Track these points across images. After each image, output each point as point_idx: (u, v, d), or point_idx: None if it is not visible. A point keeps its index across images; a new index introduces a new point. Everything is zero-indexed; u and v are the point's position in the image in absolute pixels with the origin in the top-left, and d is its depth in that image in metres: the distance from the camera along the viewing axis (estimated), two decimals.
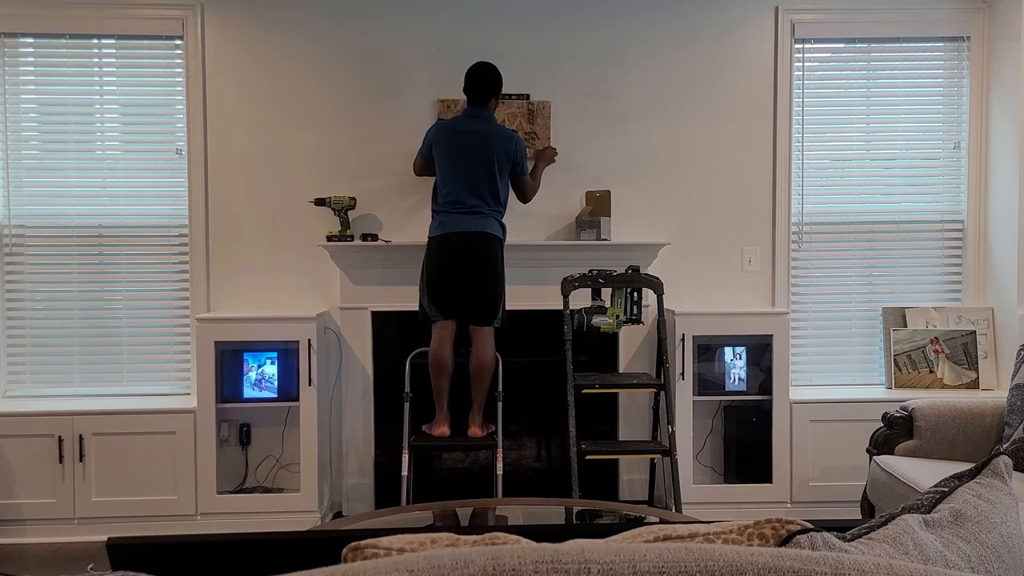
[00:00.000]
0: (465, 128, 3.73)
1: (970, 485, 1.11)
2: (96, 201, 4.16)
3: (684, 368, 3.94)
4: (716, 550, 0.80)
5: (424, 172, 3.91)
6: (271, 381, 3.98)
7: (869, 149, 4.35)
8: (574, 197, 4.20)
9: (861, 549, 0.95)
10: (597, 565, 0.77)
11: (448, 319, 3.70)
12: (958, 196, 4.33)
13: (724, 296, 4.24)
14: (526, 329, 3.99)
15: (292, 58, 4.15)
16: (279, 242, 4.17)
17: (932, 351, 4.17)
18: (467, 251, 3.66)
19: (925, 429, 3.29)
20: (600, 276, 3.75)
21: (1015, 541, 1.04)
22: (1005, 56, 4.10)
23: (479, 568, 0.76)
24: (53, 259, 4.14)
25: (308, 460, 3.84)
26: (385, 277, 4.05)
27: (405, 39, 4.16)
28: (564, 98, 4.20)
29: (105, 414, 3.84)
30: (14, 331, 4.14)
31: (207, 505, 3.83)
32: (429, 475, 4.17)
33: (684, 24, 4.23)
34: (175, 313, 4.18)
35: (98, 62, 4.19)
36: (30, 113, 4.17)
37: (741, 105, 4.25)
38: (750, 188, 4.27)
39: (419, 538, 0.94)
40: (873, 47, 4.33)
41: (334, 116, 4.16)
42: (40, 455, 3.80)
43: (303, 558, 1.48)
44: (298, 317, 3.87)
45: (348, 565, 0.81)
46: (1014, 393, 3.17)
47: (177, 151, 4.17)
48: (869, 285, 4.34)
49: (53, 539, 3.79)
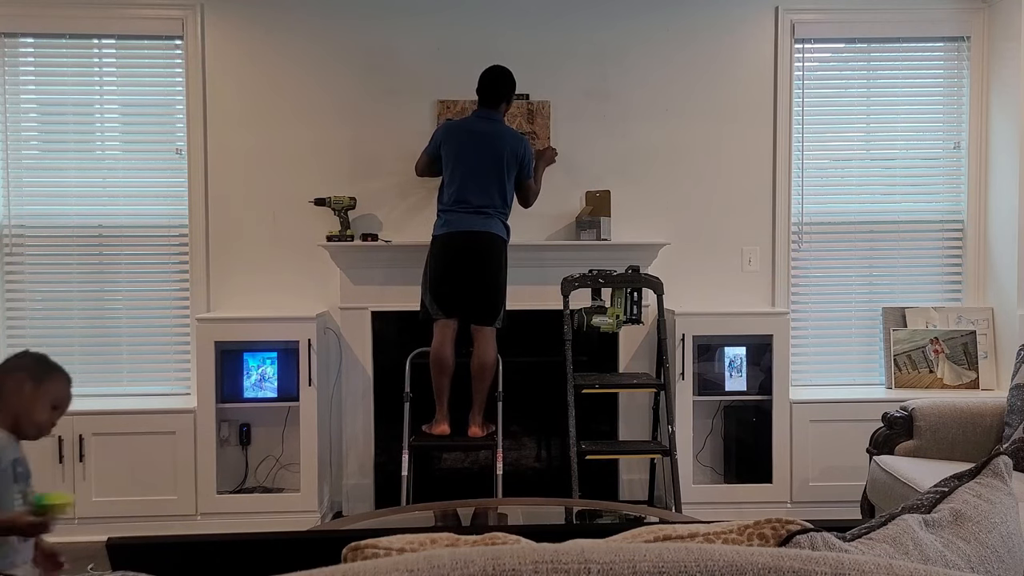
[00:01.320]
0: (475, 128, 3.74)
1: (970, 485, 1.11)
2: (96, 201, 4.15)
3: (684, 368, 3.94)
4: (716, 550, 0.80)
5: (426, 173, 3.90)
6: (271, 381, 3.98)
7: (869, 149, 4.35)
8: (574, 197, 4.20)
9: (861, 549, 0.95)
10: (597, 565, 0.77)
11: (450, 318, 3.70)
12: (958, 196, 4.32)
13: (724, 296, 4.24)
14: (526, 329, 3.99)
15: (292, 58, 4.15)
16: (279, 242, 4.17)
17: (932, 351, 4.17)
18: (472, 251, 3.66)
19: (925, 429, 3.29)
20: (600, 276, 3.75)
21: (1015, 541, 1.04)
22: (1005, 56, 4.10)
23: (479, 568, 0.76)
24: (53, 259, 4.14)
25: (308, 460, 3.84)
26: (385, 277, 4.05)
27: (405, 39, 4.16)
28: (564, 98, 4.20)
29: (105, 414, 3.85)
30: (14, 331, 4.14)
31: (207, 505, 3.83)
32: (429, 475, 4.16)
33: (684, 24, 4.23)
34: (175, 313, 4.18)
35: (98, 62, 4.19)
36: (30, 113, 4.17)
37: (741, 105, 4.25)
38: (750, 188, 4.26)
39: (419, 538, 0.94)
40: (873, 47, 4.33)
41: (334, 116, 4.16)
42: (40, 455, 3.79)
43: (303, 558, 1.48)
44: (298, 317, 3.87)
45: (348, 565, 0.81)
46: (1014, 393, 3.17)
47: (177, 151, 4.17)
48: (869, 285, 4.34)
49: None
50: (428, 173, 3.90)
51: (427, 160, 3.85)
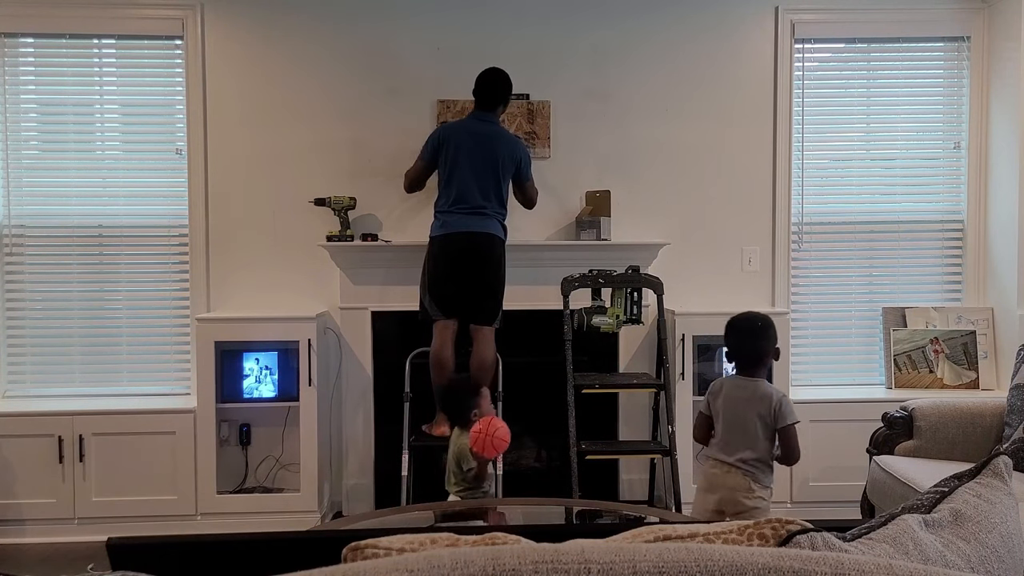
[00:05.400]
0: (473, 129, 3.74)
1: (970, 485, 1.11)
2: (96, 201, 4.15)
3: (684, 368, 3.94)
4: (716, 550, 0.80)
5: (416, 187, 3.88)
6: (271, 381, 3.98)
7: (869, 149, 4.35)
8: (574, 197, 4.20)
9: (861, 549, 0.95)
10: (597, 565, 0.77)
11: (449, 319, 3.70)
12: (958, 196, 4.32)
13: (724, 296, 4.23)
14: (526, 329, 3.99)
15: (292, 58, 4.15)
16: (279, 242, 4.17)
17: (932, 351, 4.17)
18: (472, 251, 3.66)
19: (925, 429, 3.29)
20: (600, 276, 3.75)
21: (1015, 541, 1.04)
22: (1005, 56, 4.10)
23: (479, 568, 0.76)
24: (53, 259, 4.14)
25: (308, 460, 3.84)
26: (385, 277, 4.05)
27: (405, 39, 4.16)
28: (564, 98, 4.20)
29: (105, 414, 3.84)
30: (14, 331, 4.14)
31: (207, 505, 3.83)
32: (429, 475, 4.16)
33: (684, 24, 4.23)
34: (175, 313, 4.18)
35: (98, 62, 4.19)
36: (30, 113, 4.17)
37: (741, 105, 4.25)
38: (750, 188, 4.26)
39: (419, 538, 0.94)
40: (873, 47, 4.33)
41: (334, 116, 4.16)
42: (40, 455, 3.80)
43: (303, 558, 1.48)
44: (298, 317, 3.87)
45: (348, 565, 0.81)
46: (1014, 393, 3.17)
47: (177, 151, 4.17)
48: (869, 285, 4.34)
49: (53, 539, 3.79)
50: (417, 187, 3.89)
51: (421, 167, 3.81)
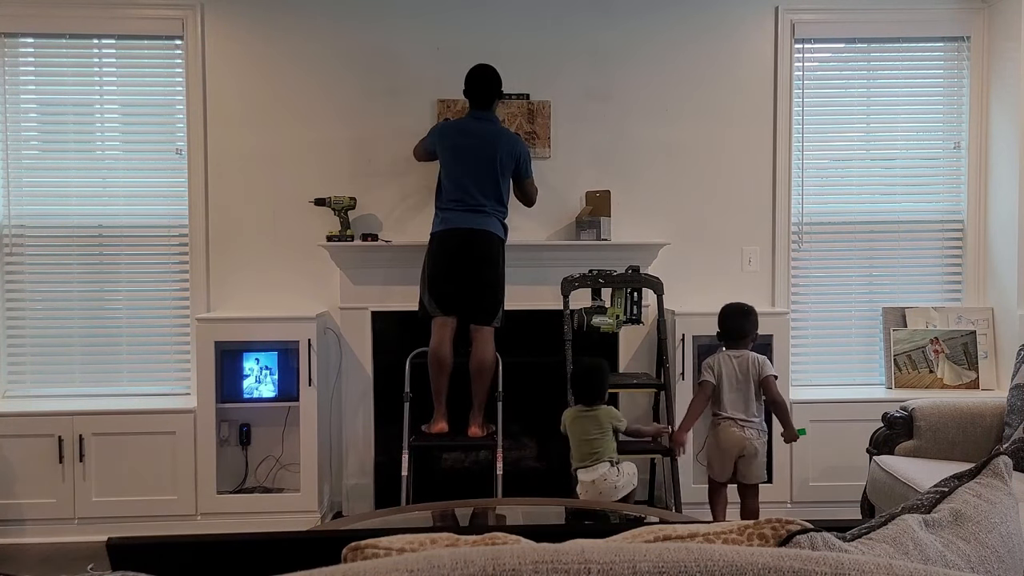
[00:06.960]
0: (471, 128, 3.75)
1: (970, 485, 1.11)
2: (96, 201, 4.15)
3: (684, 368, 3.94)
4: (716, 550, 0.80)
5: (424, 159, 3.93)
6: (271, 381, 3.98)
7: (869, 149, 4.35)
8: (574, 197, 4.20)
9: (861, 549, 0.95)
10: (597, 565, 0.77)
11: (448, 316, 3.70)
12: (958, 196, 4.32)
13: (724, 296, 4.21)
14: (526, 329, 3.99)
15: (292, 58, 4.15)
16: (279, 242, 4.17)
17: (932, 351, 4.17)
18: (469, 248, 3.66)
19: (925, 429, 3.29)
20: (600, 276, 3.75)
21: (1015, 541, 1.04)
22: (1005, 56, 4.10)
23: (479, 568, 0.76)
24: (53, 259, 4.14)
25: (308, 460, 3.84)
26: (385, 277, 4.05)
27: (405, 39, 4.16)
28: (564, 98, 4.20)
29: (105, 414, 3.84)
30: (14, 331, 4.14)
31: (207, 505, 3.83)
32: (429, 475, 4.16)
33: (684, 24, 4.23)
34: (175, 313, 4.18)
35: (98, 62, 4.19)
36: (30, 113, 4.17)
37: (741, 105, 4.25)
38: (750, 188, 4.26)
39: (419, 538, 0.94)
40: (873, 47, 4.33)
41: (334, 116, 4.16)
42: (40, 455, 3.80)
43: (303, 558, 1.48)
44: (298, 317, 3.87)
45: (348, 565, 0.81)
46: (1014, 393, 3.17)
47: (177, 151, 4.16)
48: (869, 285, 4.34)
49: (53, 539, 3.79)
50: (426, 159, 3.93)
51: (422, 151, 3.90)
